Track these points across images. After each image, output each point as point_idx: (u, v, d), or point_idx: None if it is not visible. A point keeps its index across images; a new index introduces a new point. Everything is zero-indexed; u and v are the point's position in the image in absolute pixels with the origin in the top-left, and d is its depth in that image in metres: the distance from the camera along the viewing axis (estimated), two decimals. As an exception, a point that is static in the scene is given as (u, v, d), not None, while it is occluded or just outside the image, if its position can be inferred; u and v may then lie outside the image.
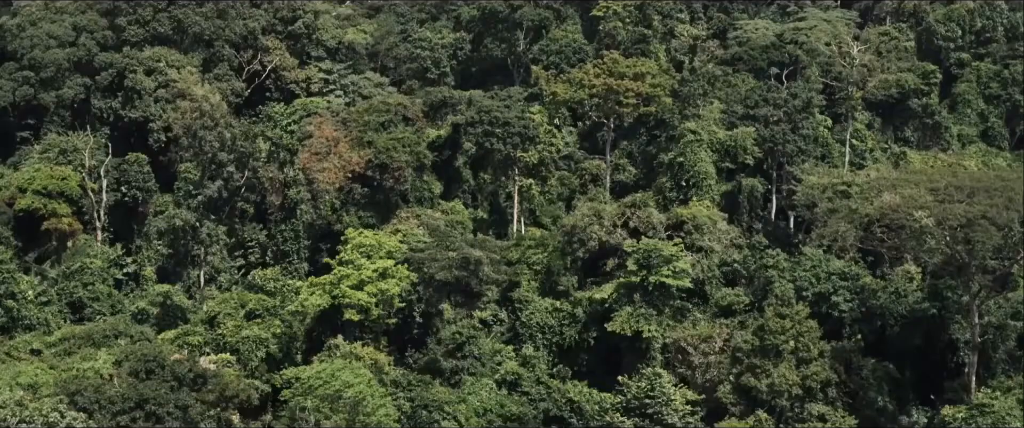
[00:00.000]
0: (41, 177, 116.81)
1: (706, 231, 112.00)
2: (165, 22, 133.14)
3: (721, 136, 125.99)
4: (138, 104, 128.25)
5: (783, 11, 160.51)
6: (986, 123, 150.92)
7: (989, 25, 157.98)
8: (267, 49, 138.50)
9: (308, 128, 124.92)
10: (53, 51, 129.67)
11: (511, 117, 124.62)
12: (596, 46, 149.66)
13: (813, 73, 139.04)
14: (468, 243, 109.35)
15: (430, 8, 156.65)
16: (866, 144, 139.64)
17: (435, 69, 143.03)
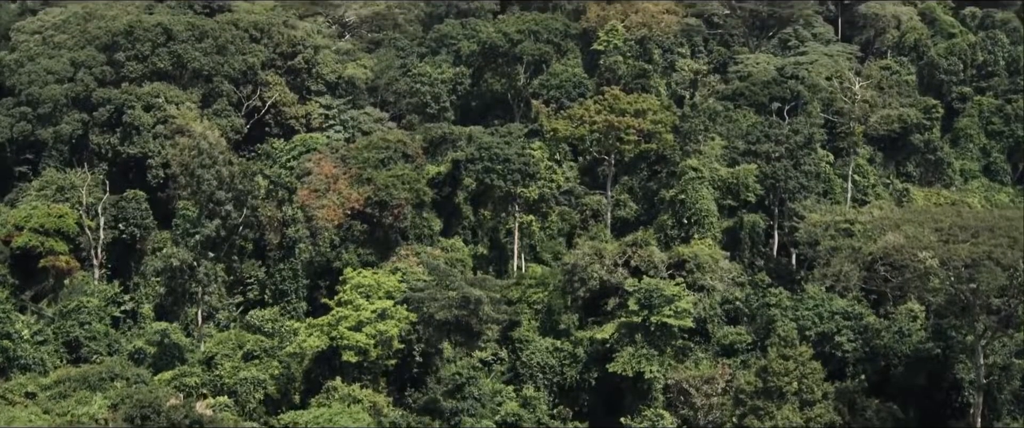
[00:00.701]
0: (38, 214, 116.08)
1: (708, 270, 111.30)
2: (164, 57, 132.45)
3: (723, 173, 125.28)
4: (136, 140, 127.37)
5: (784, 45, 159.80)
6: (988, 158, 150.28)
7: (990, 59, 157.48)
8: (267, 84, 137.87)
9: (307, 165, 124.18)
10: (51, 87, 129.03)
11: (511, 153, 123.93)
12: (597, 80, 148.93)
13: (814, 108, 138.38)
14: (468, 282, 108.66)
15: (430, 42, 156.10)
16: (868, 180, 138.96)
17: (435, 104, 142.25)
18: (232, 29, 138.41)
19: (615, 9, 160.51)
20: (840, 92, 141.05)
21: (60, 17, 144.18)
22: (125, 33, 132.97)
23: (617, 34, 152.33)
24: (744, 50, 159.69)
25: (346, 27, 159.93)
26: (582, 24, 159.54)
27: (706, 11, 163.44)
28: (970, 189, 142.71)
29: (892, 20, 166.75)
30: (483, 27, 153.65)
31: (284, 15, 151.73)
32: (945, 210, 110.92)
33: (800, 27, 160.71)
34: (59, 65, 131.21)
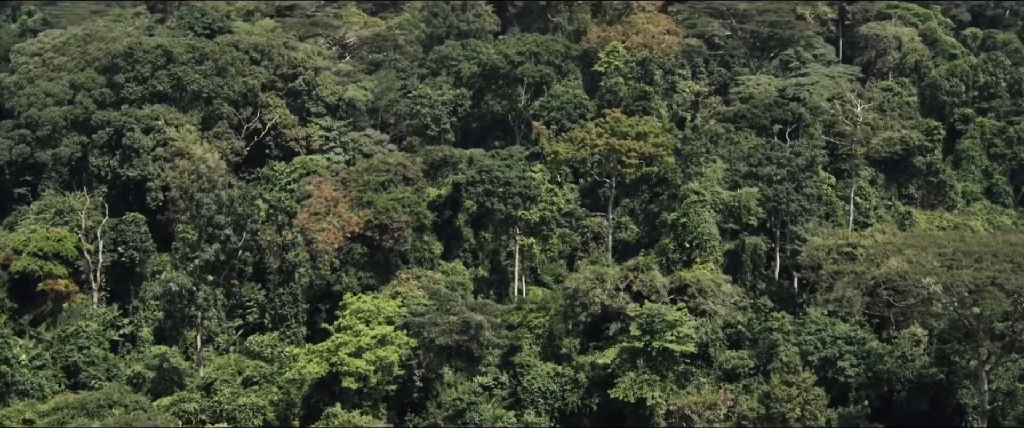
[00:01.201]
0: (37, 238, 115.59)
1: (710, 295, 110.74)
2: (164, 80, 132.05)
3: (724, 197, 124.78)
4: (136, 162, 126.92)
5: (785, 66, 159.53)
6: (990, 180, 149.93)
7: (992, 81, 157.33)
8: (267, 106, 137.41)
9: (307, 188, 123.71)
10: (50, 109, 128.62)
11: (512, 177, 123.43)
12: (598, 102, 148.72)
13: (816, 131, 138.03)
14: (468, 307, 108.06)
15: (430, 63, 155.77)
16: (870, 202, 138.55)
17: (435, 126, 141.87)
18: (232, 51, 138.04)
19: (616, 30, 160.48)
20: (842, 114, 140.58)
21: (60, 39, 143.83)
22: (125, 55, 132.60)
23: (618, 55, 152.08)
24: (745, 71, 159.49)
25: (346, 48, 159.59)
26: (583, 45, 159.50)
27: (707, 32, 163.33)
28: (972, 211, 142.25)
29: (893, 41, 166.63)
30: (484, 48, 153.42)
31: (284, 36, 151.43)
32: (948, 235, 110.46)
33: (801, 48, 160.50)
34: (58, 87, 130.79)
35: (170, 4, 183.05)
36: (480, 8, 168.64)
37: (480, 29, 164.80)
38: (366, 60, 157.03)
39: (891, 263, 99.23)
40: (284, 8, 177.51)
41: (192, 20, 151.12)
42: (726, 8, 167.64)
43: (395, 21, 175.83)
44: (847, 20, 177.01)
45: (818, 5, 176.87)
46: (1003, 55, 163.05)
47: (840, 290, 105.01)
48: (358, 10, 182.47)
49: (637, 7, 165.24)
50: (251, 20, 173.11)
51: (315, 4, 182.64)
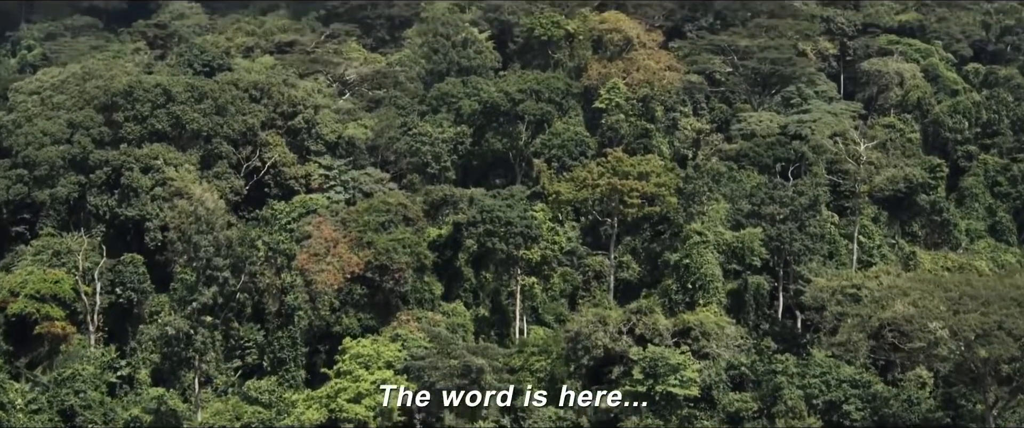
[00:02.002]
0: (34, 280, 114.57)
1: (714, 338, 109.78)
2: (163, 119, 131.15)
3: (727, 237, 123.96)
4: (134, 202, 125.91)
5: (787, 102, 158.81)
6: (994, 217, 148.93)
7: (995, 118, 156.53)
8: (266, 144, 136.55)
9: (307, 228, 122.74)
10: (48, 149, 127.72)
11: (513, 217, 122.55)
12: (599, 139, 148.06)
13: (819, 170, 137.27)
14: (469, 350, 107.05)
15: (431, 100, 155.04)
16: (874, 240, 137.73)
17: (436, 164, 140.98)
18: (232, 89, 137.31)
19: (616, 66, 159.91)
20: (845, 153, 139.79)
21: (58, 77, 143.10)
22: (124, 94, 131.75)
23: (619, 92, 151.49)
24: (747, 107, 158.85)
25: (346, 85, 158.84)
26: (584, 81, 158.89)
27: (708, 69, 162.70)
28: (976, 250, 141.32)
29: (895, 77, 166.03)
30: (484, 86, 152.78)
31: (284, 74, 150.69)
32: (954, 277, 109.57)
33: (803, 85, 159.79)
34: (56, 126, 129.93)
35: (170, 40, 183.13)
36: (481, 45, 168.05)
37: (481, 66, 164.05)
38: (366, 97, 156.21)
39: (897, 307, 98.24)
40: (284, 44, 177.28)
41: (191, 57, 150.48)
42: (727, 45, 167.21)
43: (395, 57, 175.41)
44: (848, 56, 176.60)
45: (819, 41, 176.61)
46: (1006, 91, 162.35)
47: (845, 333, 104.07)
48: (358, 46, 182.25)
49: (638, 43, 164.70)
50: (251, 56, 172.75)
51: (315, 40, 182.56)
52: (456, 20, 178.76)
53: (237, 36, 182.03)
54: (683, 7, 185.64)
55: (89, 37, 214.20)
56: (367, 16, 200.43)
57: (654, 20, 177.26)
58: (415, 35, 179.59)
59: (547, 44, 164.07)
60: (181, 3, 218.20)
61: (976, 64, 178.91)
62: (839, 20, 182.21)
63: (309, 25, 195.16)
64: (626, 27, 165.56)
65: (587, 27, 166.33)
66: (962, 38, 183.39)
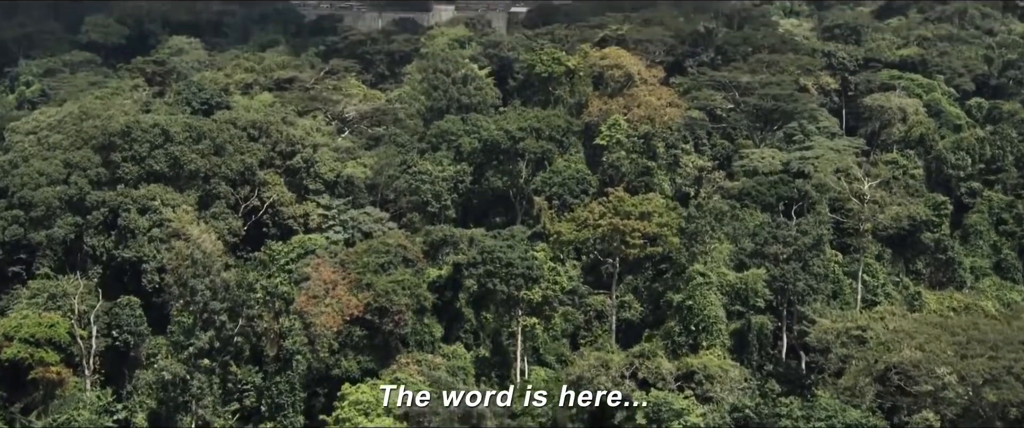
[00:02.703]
0: (29, 324, 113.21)
1: (718, 381, 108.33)
2: (161, 159, 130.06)
3: (731, 278, 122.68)
4: (131, 244, 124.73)
5: (789, 139, 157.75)
6: (999, 255, 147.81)
7: (999, 154, 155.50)
8: (265, 184, 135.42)
9: (305, 270, 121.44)
10: (44, 189, 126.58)
11: (514, 257, 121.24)
12: (600, 177, 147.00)
13: (822, 208, 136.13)
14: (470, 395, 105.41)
15: (431, 138, 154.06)
16: (878, 279, 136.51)
17: (436, 202, 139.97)
18: (230, 128, 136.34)
19: (617, 103, 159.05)
20: (849, 192, 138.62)
21: (55, 117, 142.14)
22: (122, 134, 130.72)
23: (619, 129, 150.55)
24: (749, 143, 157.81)
25: (345, 123, 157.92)
26: (584, 118, 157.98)
27: (709, 104, 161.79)
28: (982, 288, 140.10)
29: (898, 112, 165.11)
30: (484, 123, 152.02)
31: (283, 111, 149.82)
32: (961, 320, 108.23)
33: (805, 120, 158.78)
34: (53, 167, 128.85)
35: (168, 77, 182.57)
36: (481, 81, 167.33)
37: (481, 102, 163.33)
38: (365, 134, 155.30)
39: (904, 353, 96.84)
40: (283, 81, 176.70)
41: (190, 96, 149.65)
42: (728, 80, 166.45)
43: (395, 94, 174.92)
44: (850, 91, 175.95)
45: (821, 76, 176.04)
46: (1009, 127, 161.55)
47: (851, 378, 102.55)
48: (357, 82, 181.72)
49: (639, 79, 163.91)
50: (250, 93, 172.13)
51: (314, 76, 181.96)
52: (456, 56, 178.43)
53: (236, 73, 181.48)
54: (684, 42, 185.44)
55: (88, 73, 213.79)
56: (366, 52, 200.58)
57: (655, 56, 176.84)
58: (415, 71, 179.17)
59: (548, 80, 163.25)
60: (180, 38, 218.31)
61: (979, 99, 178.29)
62: (840, 55, 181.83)
63: (308, 61, 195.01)
64: (627, 63, 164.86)
65: (588, 63, 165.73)
66: (964, 72, 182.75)
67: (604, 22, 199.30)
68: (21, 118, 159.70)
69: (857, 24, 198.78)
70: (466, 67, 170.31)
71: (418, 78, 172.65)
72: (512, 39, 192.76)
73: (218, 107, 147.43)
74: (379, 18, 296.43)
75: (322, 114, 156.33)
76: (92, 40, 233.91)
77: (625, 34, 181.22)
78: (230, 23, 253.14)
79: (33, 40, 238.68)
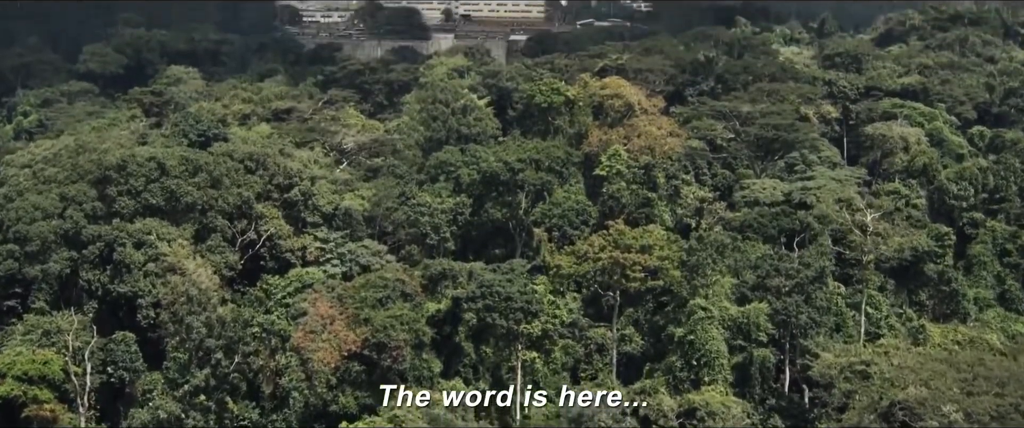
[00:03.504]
0: (22, 361, 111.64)
1: (719, 418, 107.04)
2: (157, 193, 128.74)
3: (733, 312, 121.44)
4: (127, 278, 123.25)
5: (790, 168, 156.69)
6: (1003, 286, 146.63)
7: (1002, 184, 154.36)
8: (262, 217, 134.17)
9: (302, 305, 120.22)
10: (39, 224, 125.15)
11: (513, 292, 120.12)
12: (600, 208, 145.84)
13: (825, 240, 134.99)
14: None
15: (429, 169, 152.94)
16: (881, 311, 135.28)
17: (435, 235, 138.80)
18: (227, 161, 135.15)
19: (617, 133, 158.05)
20: (851, 223, 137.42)
21: (51, 150, 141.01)
22: (117, 168, 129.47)
23: (619, 159, 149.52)
24: (749, 173, 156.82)
25: (344, 154, 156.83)
26: (584, 148, 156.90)
27: (710, 134, 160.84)
28: (986, 320, 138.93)
29: (899, 141, 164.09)
30: (484, 154, 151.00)
31: (280, 143, 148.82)
32: (966, 356, 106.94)
33: (806, 150, 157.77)
34: (48, 201, 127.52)
35: (166, 108, 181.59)
36: (480, 112, 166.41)
37: (480, 133, 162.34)
38: (364, 166, 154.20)
39: (909, 390, 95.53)
40: (281, 112, 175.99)
41: (187, 127, 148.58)
42: (729, 110, 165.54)
43: (393, 124, 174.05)
44: (851, 120, 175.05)
45: (822, 105, 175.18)
46: (1012, 156, 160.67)
47: (855, 415, 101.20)
48: (356, 112, 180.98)
49: (639, 109, 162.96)
50: (248, 124, 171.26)
51: (313, 106, 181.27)
52: (455, 86, 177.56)
53: (234, 103, 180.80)
54: (684, 71, 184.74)
55: (85, 103, 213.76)
56: (365, 81, 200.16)
57: (655, 85, 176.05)
58: (414, 101, 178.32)
59: (547, 110, 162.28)
60: (178, 68, 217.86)
61: (981, 127, 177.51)
62: (841, 83, 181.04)
63: (307, 91, 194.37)
64: (627, 93, 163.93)
65: (587, 93, 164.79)
66: (966, 101, 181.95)
67: (604, 51, 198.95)
68: (18, 149, 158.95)
69: (858, 52, 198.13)
70: (465, 97, 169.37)
71: (417, 108, 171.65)
72: (511, 69, 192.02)
73: (215, 139, 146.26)
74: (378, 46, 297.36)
75: (320, 145, 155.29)
76: (90, 70, 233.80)
77: (625, 64, 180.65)
78: (228, 52, 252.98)
79: (31, 70, 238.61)
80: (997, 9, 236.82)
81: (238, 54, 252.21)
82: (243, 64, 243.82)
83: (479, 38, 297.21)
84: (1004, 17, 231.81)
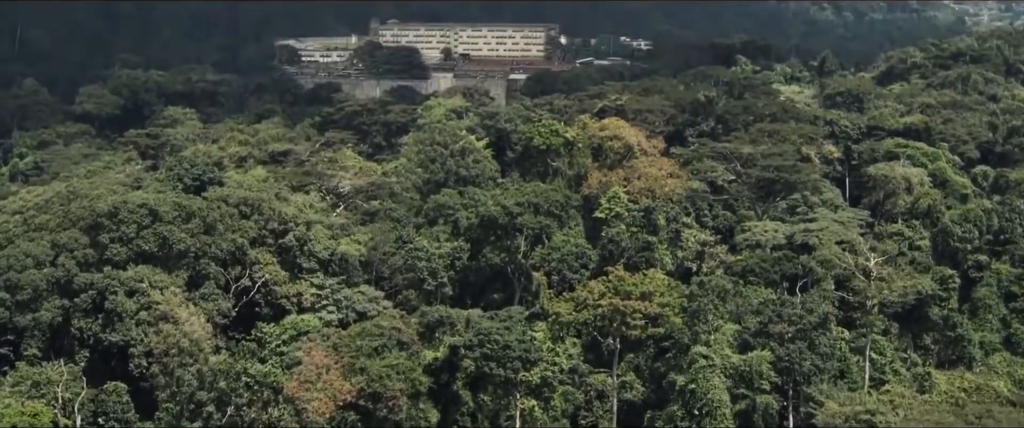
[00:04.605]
0: (11, 414, 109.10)
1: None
2: (149, 239, 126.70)
3: (735, 361, 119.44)
4: (119, 327, 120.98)
5: (791, 210, 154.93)
6: (1009, 329, 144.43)
7: (1007, 226, 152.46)
8: (257, 263, 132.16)
9: (297, 353, 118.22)
10: (30, 272, 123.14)
11: (511, 340, 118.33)
12: (600, 251, 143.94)
13: (828, 284, 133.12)
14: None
15: (428, 212, 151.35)
16: (885, 356, 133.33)
17: (432, 280, 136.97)
18: (222, 206, 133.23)
19: (617, 175, 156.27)
20: (854, 266, 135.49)
21: (42, 196, 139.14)
22: (109, 214, 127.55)
23: (619, 201, 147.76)
24: (751, 215, 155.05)
25: (340, 197, 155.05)
26: (584, 190, 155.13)
27: (710, 176, 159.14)
28: (992, 364, 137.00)
29: (902, 182, 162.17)
30: (482, 196, 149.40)
31: (276, 187, 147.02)
32: (974, 407, 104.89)
33: (808, 192, 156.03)
34: (40, 248, 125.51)
35: (162, 150, 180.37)
36: (479, 154, 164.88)
37: (479, 175, 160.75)
38: (361, 209, 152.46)
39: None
40: (278, 154, 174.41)
41: (181, 171, 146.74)
42: (730, 151, 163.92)
43: (391, 166, 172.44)
44: (853, 160, 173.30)
45: (823, 145, 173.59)
46: (1016, 196, 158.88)
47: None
48: (353, 153, 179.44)
49: (639, 150, 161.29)
50: (244, 166, 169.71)
51: (310, 148, 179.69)
52: (453, 127, 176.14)
53: (230, 145, 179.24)
54: (684, 111, 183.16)
55: (82, 144, 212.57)
56: (363, 122, 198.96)
57: (655, 126, 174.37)
58: (412, 143, 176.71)
59: (546, 152, 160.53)
60: (175, 109, 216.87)
61: (984, 167, 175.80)
62: (843, 123, 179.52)
63: (304, 132, 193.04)
64: (626, 134, 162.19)
65: (587, 134, 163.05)
66: (969, 140, 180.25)
67: (603, 91, 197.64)
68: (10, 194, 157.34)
69: (859, 91, 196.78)
70: (464, 139, 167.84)
71: (415, 150, 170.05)
72: (510, 109, 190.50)
73: (210, 183, 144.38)
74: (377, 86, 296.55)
75: (316, 189, 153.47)
76: (86, 111, 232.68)
77: (624, 104, 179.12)
78: (226, 93, 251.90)
79: (27, 111, 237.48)
80: (998, 46, 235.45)
81: (236, 94, 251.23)
82: (241, 104, 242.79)
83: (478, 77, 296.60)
84: (1006, 54, 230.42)
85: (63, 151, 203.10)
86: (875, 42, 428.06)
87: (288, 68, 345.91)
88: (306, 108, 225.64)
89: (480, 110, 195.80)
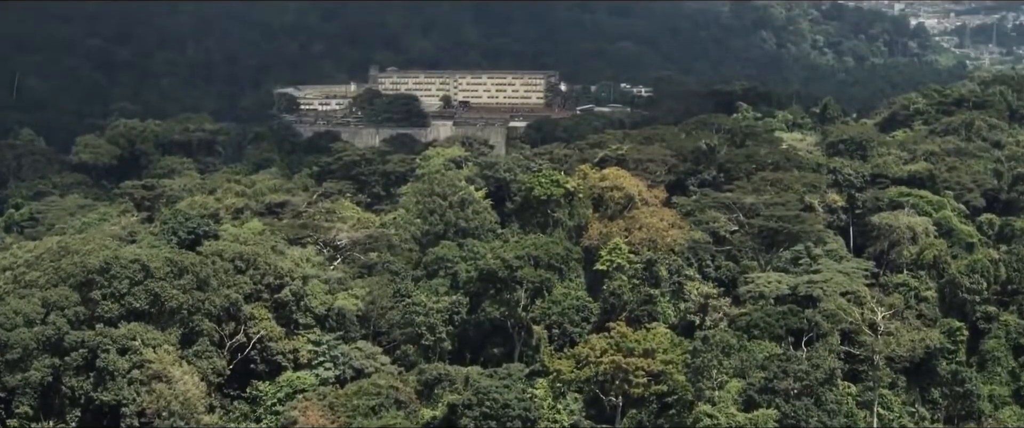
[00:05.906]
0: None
1: None
2: (141, 296, 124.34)
3: (740, 419, 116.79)
4: (111, 386, 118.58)
5: (795, 260, 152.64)
6: (1018, 382, 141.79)
7: (1015, 276, 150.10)
8: (252, 318, 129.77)
9: (292, 414, 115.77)
10: (20, 330, 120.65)
11: (511, 398, 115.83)
12: (601, 304, 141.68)
13: (834, 339, 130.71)
14: None
15: (426, 264, 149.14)
16: (893, 411, 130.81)
17: (431, 335, 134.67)
18: (216, 261, 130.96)
19: (618, 225, 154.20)
20: (860, 320, 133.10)
21: (33, 253, 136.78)
22: (101, 271, 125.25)
23: (620, 253, 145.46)
24: (754, 265, 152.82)
25: (338, 250, 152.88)
26: (584, 241, 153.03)
27: (713, 226, 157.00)
28: (1002, 419, 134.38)
29: (907, 231, 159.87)
30: (481, 249, 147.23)
31: (272, 240, 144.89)
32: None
33: (811, 243, 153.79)
34: (30, 306, 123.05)
35: (158, 201, 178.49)
36: (478, 205, 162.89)
37: (479, 226, 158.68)
38: (358, 262, 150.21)
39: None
40: (275, 205, 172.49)
41: (176, 225, 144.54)
42: (732, 201, 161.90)
43: (389, 217, 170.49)
44: (857, 208, 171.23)
45: (827, 193, 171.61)
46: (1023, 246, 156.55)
47: None
48: (351, 204, 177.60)
49: (640, 201, 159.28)
50: (240, 218, 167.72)
51: (307, 199, 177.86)
52: (452, 178, 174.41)
53: (227, 197, 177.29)
54: (685, 160, 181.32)
55: (78, 195, 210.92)
56: (361, 172, 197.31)
57: (656, 175, 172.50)
58: (411, 193, 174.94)
59: (546, 202, 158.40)
60: (173, 158, 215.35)
61: (990, 215, 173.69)
62: (846, 171, 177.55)
63: (301, 183, 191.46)
64: (627, 184, 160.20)
65: (587, 185, 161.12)
66: (974, 187, 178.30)
67: (604, 140, 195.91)
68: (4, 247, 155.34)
69: (862, 138, 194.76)
70: (463, 190, 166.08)
71: (414, 201, 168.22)
72: (510, 159, 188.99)
73: (205, 237, 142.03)
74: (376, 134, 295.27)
75: (313, 242, 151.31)
76: (83, 161, 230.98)
77: (625, 154, 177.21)
78: (224, 142, 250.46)
79: (23, 161, 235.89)
80: (1001, 91, 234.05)
81: (234, 143, 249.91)
82: (239, 153, 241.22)
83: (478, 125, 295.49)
84: (1009, 100, 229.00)
85: (59, 202, 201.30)
86: (876, 87, 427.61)
87: (287, 116, 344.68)
88: (304, 156, 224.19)
89: (479, 159, 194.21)
